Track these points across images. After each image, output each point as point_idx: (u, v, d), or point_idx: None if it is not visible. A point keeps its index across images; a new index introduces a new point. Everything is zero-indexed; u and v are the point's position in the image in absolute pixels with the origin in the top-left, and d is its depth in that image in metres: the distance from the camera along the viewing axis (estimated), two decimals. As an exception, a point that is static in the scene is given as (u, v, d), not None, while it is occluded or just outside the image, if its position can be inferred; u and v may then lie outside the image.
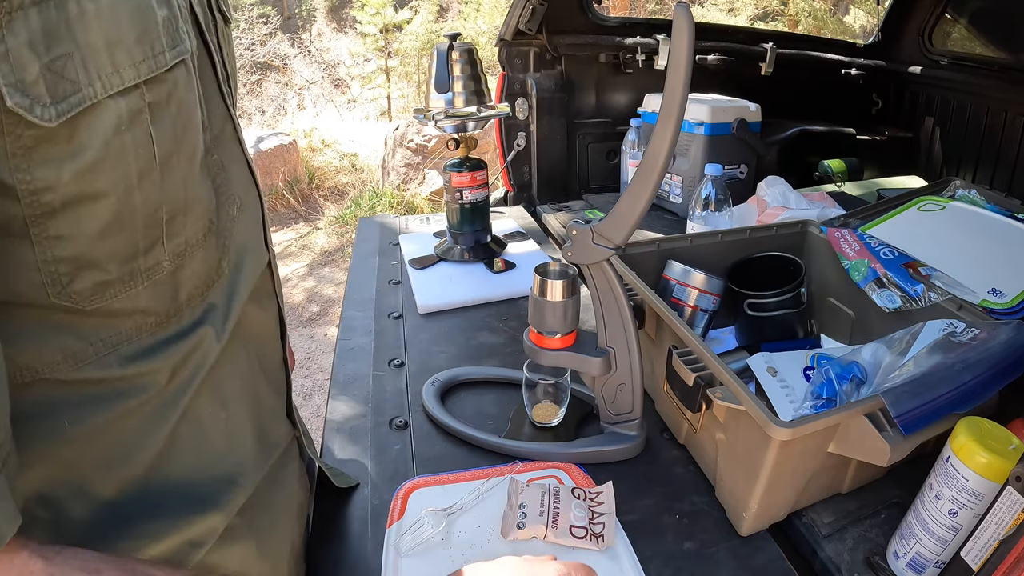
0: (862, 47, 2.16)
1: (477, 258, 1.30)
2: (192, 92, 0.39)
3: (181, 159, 0.38)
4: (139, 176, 0.35)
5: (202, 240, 0.42)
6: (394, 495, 0.70)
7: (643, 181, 0.63)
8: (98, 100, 0.32)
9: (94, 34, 0.31)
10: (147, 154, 0.35)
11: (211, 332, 0.44)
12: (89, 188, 0.33)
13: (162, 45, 0.35)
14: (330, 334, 3.37)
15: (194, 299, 0.43)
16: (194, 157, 0.40)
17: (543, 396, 0.81)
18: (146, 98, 0.34)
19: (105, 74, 0.32)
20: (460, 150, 1.25)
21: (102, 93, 0.32)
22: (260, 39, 9.69)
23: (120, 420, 0.41)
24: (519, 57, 1.81)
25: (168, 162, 0.37)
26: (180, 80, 0.37)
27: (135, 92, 0.34)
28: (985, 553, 0.53)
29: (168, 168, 0.37)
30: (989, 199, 1.15)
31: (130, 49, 0.33)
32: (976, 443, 0.55)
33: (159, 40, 0.35)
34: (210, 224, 0.43)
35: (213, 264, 0.44)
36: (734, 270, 0.98)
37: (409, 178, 5.25)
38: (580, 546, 0.63)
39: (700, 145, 1.57)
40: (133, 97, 0.34)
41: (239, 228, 0.47)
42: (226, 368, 0.48)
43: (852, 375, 0.72)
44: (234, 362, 0.49)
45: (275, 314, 0.55)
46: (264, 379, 0.54)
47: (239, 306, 0.47)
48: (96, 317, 0.37)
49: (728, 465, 0.69)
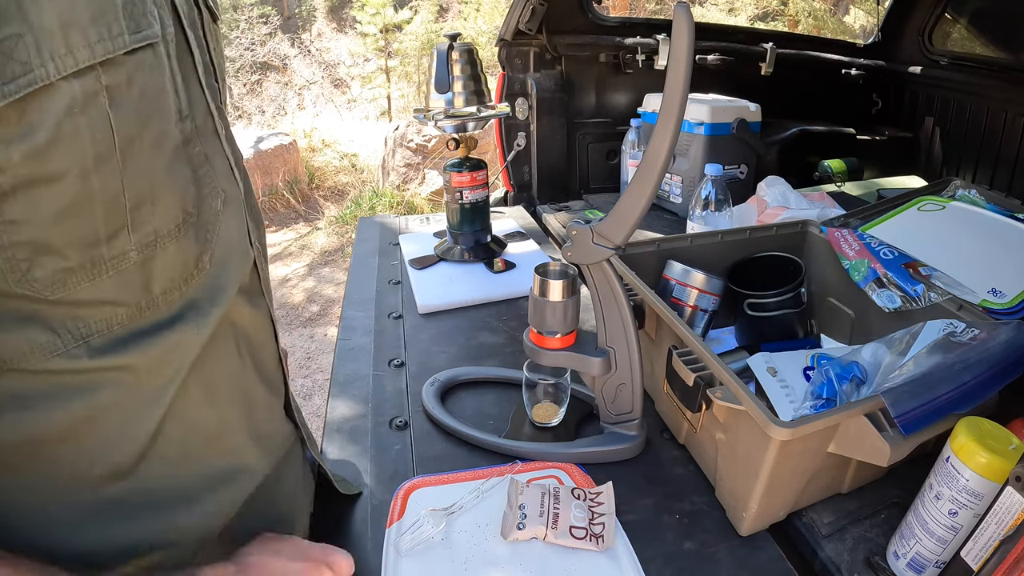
0: (862, 47, 2.16)
1: (477, 258, 1.30)
2: (160, 78, 0.38)
3: (145, 145, 0.37)
4: (96, 160, 0.34)
5: (175, 231, 0.41)
6: (394, 495, 0.70)
7: (643, 181, 0.63)
8: (51, 82, 0.31)
9: (47, 15, 0.30)
10: (105, 138, 0.34)
11: (193, 328, 0.44)
12: (42, 170, 0.32)
13: (121, 27, 0.34)
14: (330, 334, 3.37)
15: (170, 293, 0.42)
16: (161, 144, 0.39)
17: (543, 396, 0.81)
18: (103, 80, 0.34)
19: (59, 55, 0.31)
20: (460, 150, 1.25)
21: (55, 75, 0.31)
22: (260, 39, 9.69)
23: (99, 415, 0.40)
24: (519, 57, 1.81)
25: (130, 147, 0.36)
26: (144, 64, 0.37)
27: (91, 74, 0.33)
28: (985, 553, 0.53)
29: (130, 154, 0.36)
30: (989, 199, 1.15)
31: (85, 30, 0.32)
32: (976, 443, 0.54)
33: (117, 22, 0.34)
34: (185, 216, 0.42)
35: (191, 258, 0.43)
36: (734, 270, 0.98)
37: (409, 178, 5.26)
38: (580, 546, 0.63)
39: (700, 145, 1.57)
40: (88, 79, 0.33)
41: (223, 223, 0.46)
42: (216, 366, 0.47)
43: (852, 375, 0.72)
44: (224, 360, 0.48)
45: (267, 312, 0.54)
46: (258, 378, 0.54)
47: (225, 303, 0.46)
48: (62, 307, 0.37)
49: (728, 465, 0.69)
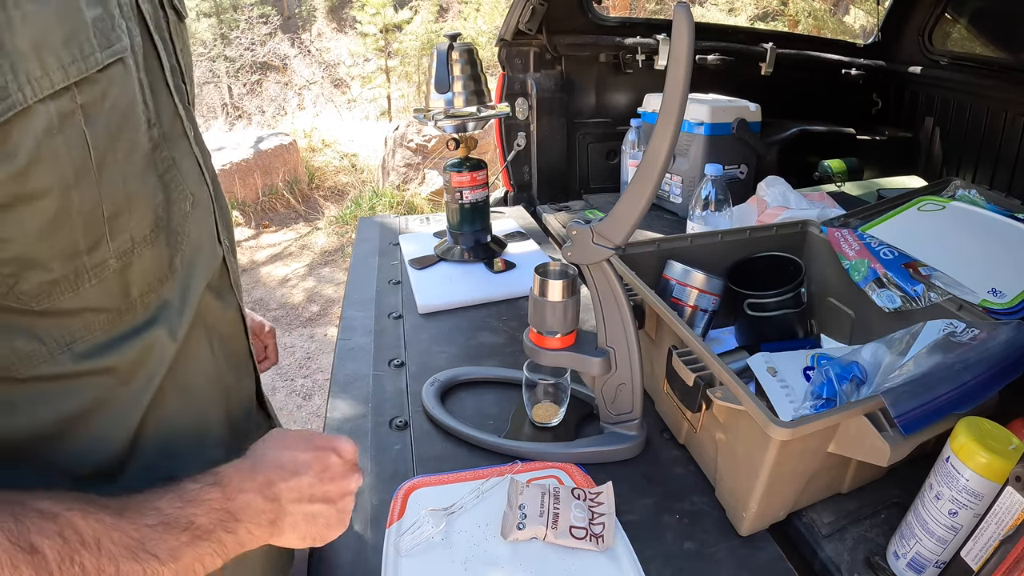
0: (862, 47, 2.16)
1: (477, 258, 1.30)
2: (131, 89, 0.39)
3: (119, 156, 0.39)
4: (75, 176, 0.36)
5: (149, 236, 0.43)
6: (394, 495, 0.70)
7: (643, 181, 0.63)
8: (28, 105, 0.32)
9: (21, 39, 0.31)
10: (82, 154, 0.36)
11: (166, 328, 0.45)
12: (24, 189, 0.33)
13: (92, 46, 0.35)
14: (330, 334, 3.37)
15: (147, 296, 0.44)
16: (133, 154, 0.40)
17: (543, 396, 0.81)
18: (78, 100, 0.35)
19: (34, 78, 0.32)
20: (460, 150, 1.24)
21: (32, 98, 0.32)
22: (260, 39, 9.70)
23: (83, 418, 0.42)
24: (519, 57, 1.81)
25: (104, 160, 0.37)
26: (116, 79, 0.38)
27: (66, 95, 0.34)
28: (985, 553, 0.53)
29: (105, 166, 0.37)
30: (989, 199, 1.15)
31: (58, 52, 0.33)
32: (976, 443, 0.54)
33: (88, 41, 0.35)
34: (157, 221, 0.43)
35: (165, 261, 0.45)
36: (734, 270, 0.98)
37: (409, 178, 5.26)
38: (580, 546, 0.63)
39: (700, 145, 1.57)
40: (64, 100, 0.34)
41: (192, 224, 0.48)
42: (189, 364, 0.49)
43: (852, 375, 0.72)
44: (197, 357, 0.50)
45: (236, 308, 0.56)
46: (231, 373, 0.55)
47: (195, 302, 0.48)
48: (47, 317, 0.38)
49: (728, 465, 0.69)
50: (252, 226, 4.87)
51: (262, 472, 0.46)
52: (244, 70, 9.31)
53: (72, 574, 0.33)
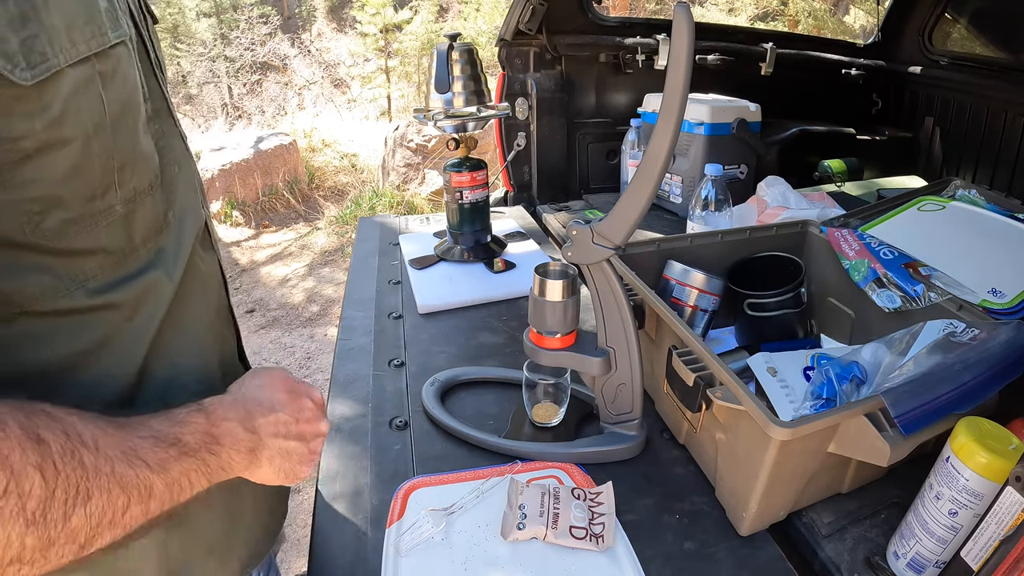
0: (862, 47, 2.16)
1: (477, 258, 1.30)
2: (132, 68, 0.48)
3: (127, 119, 0.46)
4: (95, 128, 0.43)
5: (148, 190, 0.50)
6: (394, 495, 0.70)
7: (643, 181, 0.63)
8: (61, 68, 0.40)
9: (56, 17, 0.40)
10: (99, 111, 0.43)
11: (163, 271, 0.52)
12: (56, 136, 0.41)
13: (105, 27, 0.44)
14: (330, 334, 3.37)
15: (147, 242, 0.51)
16: (136, 119, 0.48)
17: (543, 396, 0.81)
18: (96, 68, 0.43)
19: (65, 48, 0.40)
20: (460, 150, 1.25)
21: (64, 63, 0.40)
22: (260, 39, 9.70)
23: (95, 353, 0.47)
24: (519, 57, 1.81)
25: (117, 121, 0.45)
26: (122, 57, 0.46)
27: (88, 63, 0.42)
28: (985, 553, 0.53)
29: (117, 126, 0.45)
30: (989, 199, 1.15)
31: (81, 29, 0.42)
32: (976, 443, 0.55)
33: (102, 23, 0.44)
34: (155, 177, 0.51)
35: (160, 213, 0.52)
36: (734, 270, 0.98)
37: (409, 178, 5.26)
38: (580, 546, 0.63)
39: (700, 145, 1.57)
40: (86, 67, 0.42)
41: (180, 187, 0.56)
42: (186, 307, 0.55)
43: (852, 375, 0.72)
44: (192, 302, 0.56)
45: (217, 264, 0.64)
46: (219, 322, 0.62)
47: (186, 253, 0.55)
48: (64, 256, 0.44)
49: (728, 465, 0.69)
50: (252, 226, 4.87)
51: (243, 406, 0.52)
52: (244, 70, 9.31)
53: (72, 466, 0.37)
